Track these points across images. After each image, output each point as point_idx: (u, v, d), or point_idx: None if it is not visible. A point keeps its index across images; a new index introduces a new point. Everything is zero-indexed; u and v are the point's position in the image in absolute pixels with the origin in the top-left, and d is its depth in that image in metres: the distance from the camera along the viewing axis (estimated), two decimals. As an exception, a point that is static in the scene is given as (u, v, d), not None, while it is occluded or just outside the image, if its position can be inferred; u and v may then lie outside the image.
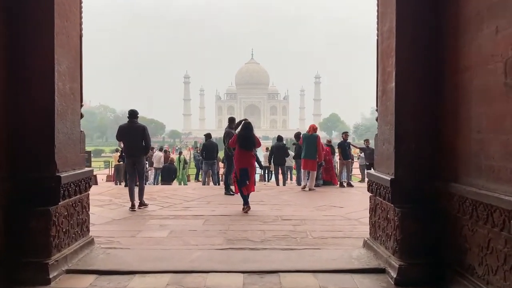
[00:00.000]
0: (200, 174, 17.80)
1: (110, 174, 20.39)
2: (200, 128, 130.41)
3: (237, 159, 7.32)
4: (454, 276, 3.30)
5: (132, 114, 7.41)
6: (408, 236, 3.61)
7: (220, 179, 15.26)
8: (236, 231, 5.49)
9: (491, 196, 2.79)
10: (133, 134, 7.31)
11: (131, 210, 7.03)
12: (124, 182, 9.75)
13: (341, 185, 11.66)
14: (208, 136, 13.66)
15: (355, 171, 17.06)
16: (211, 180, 15.02)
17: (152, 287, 3.52)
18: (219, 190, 10.02)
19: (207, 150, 13.38)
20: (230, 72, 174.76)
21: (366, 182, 4.60)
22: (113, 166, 19.19)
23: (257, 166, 8.58)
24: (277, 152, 14.24)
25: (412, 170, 3.72)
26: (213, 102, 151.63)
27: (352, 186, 11.69)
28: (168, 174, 15.73)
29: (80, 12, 4.37)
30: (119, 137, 7.64)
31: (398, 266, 3.59)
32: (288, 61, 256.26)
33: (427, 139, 3.71)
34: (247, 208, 6.89)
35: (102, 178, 20.63)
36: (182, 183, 16.96)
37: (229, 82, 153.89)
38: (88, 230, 4.54)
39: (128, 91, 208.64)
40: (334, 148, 13.59)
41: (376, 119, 4.47)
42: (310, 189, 10.17)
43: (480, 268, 2.98)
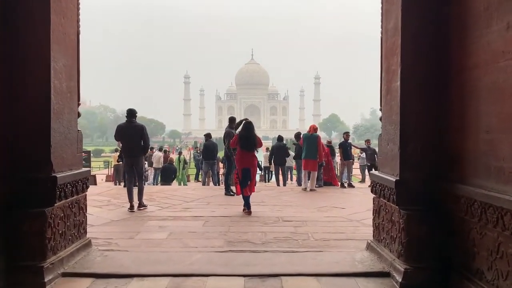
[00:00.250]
0: (200, 174, 17.74)
1: (110, 174, 20.32)
2: (200, 128, 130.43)
3: (238, 160, 7.22)
4: (462, 280, 3.20)
5: (131, 114, 7.29)
6: (414, 239, 3.51)
7: (220, 179, 15.18)
8: (237, 233, 5.39)
9: (502, 199, 2.68)
10: (131, 134, 7.19)
11: (130, 211, 6.94)
12: (123, 182, 9.66)
13: (342, 185, 11.57)
14: (208, 136, 13.59)
15: (355, 171, 16.94)
16: (211, 180, 14.94)
17: (150, 291, 3.42)
18: (219, 190, 9.92)
19: (207, 150, 13.31)
20: (230, 72, 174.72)
21: (370, 182, 4.50)
22: (112, 166, 19.11)
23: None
24: (277, 152, 14.16)
25: (417, 171, 3.61)
26: (213, 102, 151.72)
27: (353, 186, 11.62)
28: (167, 174, 15.65)
29: (78, 9, 4.27)
30: (117, 137, 7.51)
31: (403, 270, 3.49)
32: (288, 61, 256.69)
33: (433, 139, 3.61)
34: (248, 212, 6.79)
35: (102, 178, 20.57)
36: (182, 184, 16.87)
37: (229, 82, 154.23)
38: (86, 232, 4.44)
39: (128, 91, 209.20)
40: (334, 148, 13.50)
41: (380, 119, 4.38)
42: (311, 189, 10.09)
43: (489, 272, 2.88)
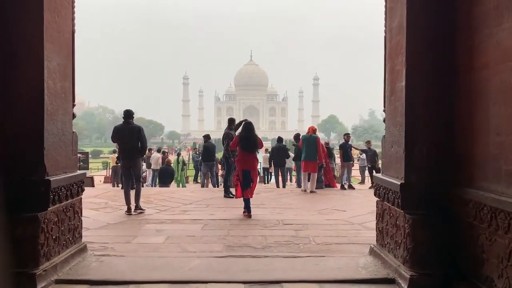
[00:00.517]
0: (199, 175, 17.61)
1: (108, 175, 20.19)
2: (199, 129, 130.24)
3: (239, 161, 7.09)
4: (470, 288, 3.09)
5: (128, 115, 7.13)
6: (420, 244, 3.39)
7: (219, 181, 15.06)
8: (236, 237, 5.26)
9: (514, 204, 2.57)
10: (128, 135, 7.04)
11: (127, 214, 6.79)
12: (121, 184, 9.53)
13: (342, 187, 11.46)
14: (207, 137, 13.47)
15: (354, 172, 16.83)
16: (210, 182, 14.82)
17: (147, 299, 3.31)
18: (218, 192, 9.79)
19: (206, 152, 13.19)
20: (229, 73, 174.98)
21: (370, 184, 4.38)
22: (110, 168, 18.97)
23: None
24: (277, 154, 14.06)
25: (423, 174, 3.49)
26: (212, 103, 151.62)
27: (353, 188, 11.50)
28: (165, 176, 15.51)
29: (73, 7, 4.15)
30: (114, 138, 7.29)
31: (409, 276, 3.37)
32: (287, 62, 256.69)
33: (440, 141, 3.49)
34: (248, 215, 6.66)
35: (100, 180, 20.46)
36: (181, 185, 16.74)
37: (228, 83, 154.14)
38: (81, 237, 4.32)
39: (127, 92, 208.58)
40: (332, 151, 13.38)
41: (384, 120, 4.26)
42: (311, 191, 9.97)
43: (499, 280, 2.77)
